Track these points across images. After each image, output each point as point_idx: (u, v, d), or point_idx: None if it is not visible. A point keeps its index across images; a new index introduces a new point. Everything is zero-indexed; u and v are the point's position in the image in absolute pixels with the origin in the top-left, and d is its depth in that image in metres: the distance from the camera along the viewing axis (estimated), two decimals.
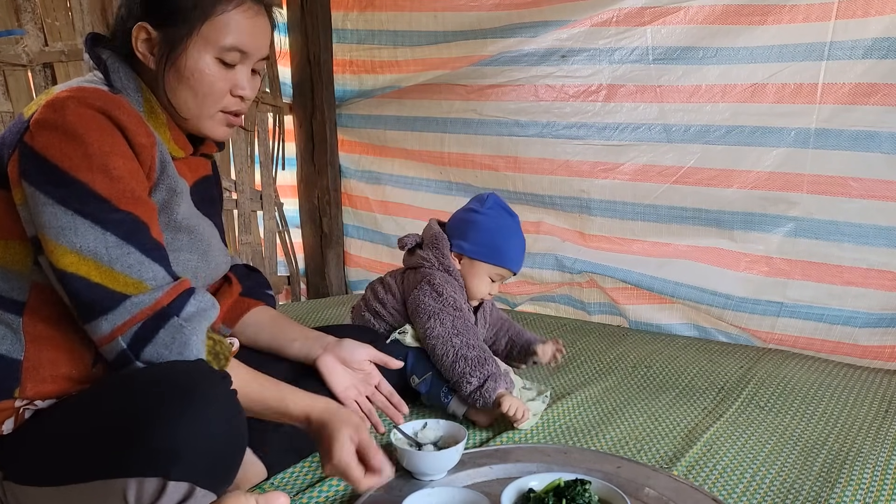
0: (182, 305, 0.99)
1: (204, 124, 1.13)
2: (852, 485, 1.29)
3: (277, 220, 3.01)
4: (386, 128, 2.89)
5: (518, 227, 1.77)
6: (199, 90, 1.09)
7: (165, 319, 0.97)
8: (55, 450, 0.95)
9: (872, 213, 2.04)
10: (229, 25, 1.08)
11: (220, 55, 1.08)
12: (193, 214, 1.16)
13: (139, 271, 0.97)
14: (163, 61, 1.07)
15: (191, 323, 0.99)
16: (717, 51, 2.19)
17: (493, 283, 1.75)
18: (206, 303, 1.03)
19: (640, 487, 1.23)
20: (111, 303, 0.95)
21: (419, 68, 2.73)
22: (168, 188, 1.08)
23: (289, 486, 1.28)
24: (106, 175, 0.96)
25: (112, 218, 0.96)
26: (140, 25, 1.06)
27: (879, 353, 2.08)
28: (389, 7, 2.72)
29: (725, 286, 2.27)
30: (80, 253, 0.94)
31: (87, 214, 0.94)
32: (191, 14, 1.06)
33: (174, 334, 0.97)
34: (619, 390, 1.80)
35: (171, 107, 1.10)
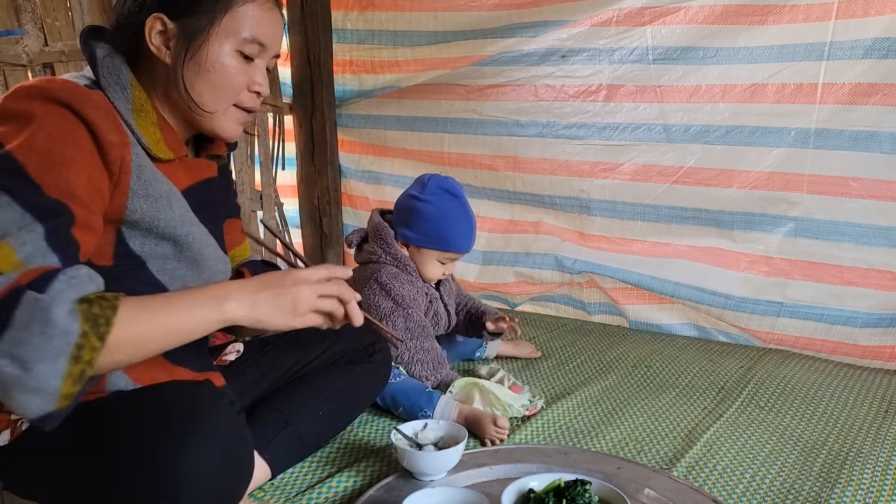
0: (45, 282, 0.82)
1: (217, 120, 1.10)
2: (852, 485, 1.29)
3: (277, 220, 3.01)
4: (386, 128, 2.89)
5: (462, 207, 1.76)
6: (217, 83, 1.06)
7: (18, 298, 0.80)
8: (54, 468, 0.94)
9: (872, 213, 2.04)
10: (250, 17, 1.06)
11: (241, 47, 1.06)
12: (184, 221, 1.09)
13: (30, 255, 0.84)
14: (181, 54, 1.03)
15: (51, 294, 0.81)
16: (717, 51, 2.19)
17: (445, 265, 1.76)
18: (81, 276, 0.86)
19: (640, 488, 1.23)
20: None
21: (419, 68, 2.73)
22: (146, 194, 1.01)
23: (289, 486, 1.28)
24: (45, 159, 0.88)
25: (37, 201, 0.87)
26: (155, 16, 1.02)
27: (879, 353, 2.08)
28: (389, 7, 2.72)
29: (725, 286, 2.27)
30: None
31: (8, 191, 0.86)
32: (213, 5, 1.03)
33: (32, 311, 0.79)
34: (619, 390, 1.80)
35: (189, 100, 1.06)
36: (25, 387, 0.79)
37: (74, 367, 0.81)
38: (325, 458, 1.39)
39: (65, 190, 0.89)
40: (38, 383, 0.79)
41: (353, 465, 1.36)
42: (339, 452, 1.42)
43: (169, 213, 1.05)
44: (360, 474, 1.32)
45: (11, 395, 0.79)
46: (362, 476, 1.31)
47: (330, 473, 1.32)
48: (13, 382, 0.79)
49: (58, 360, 0.80)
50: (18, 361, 0.79)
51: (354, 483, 1.29)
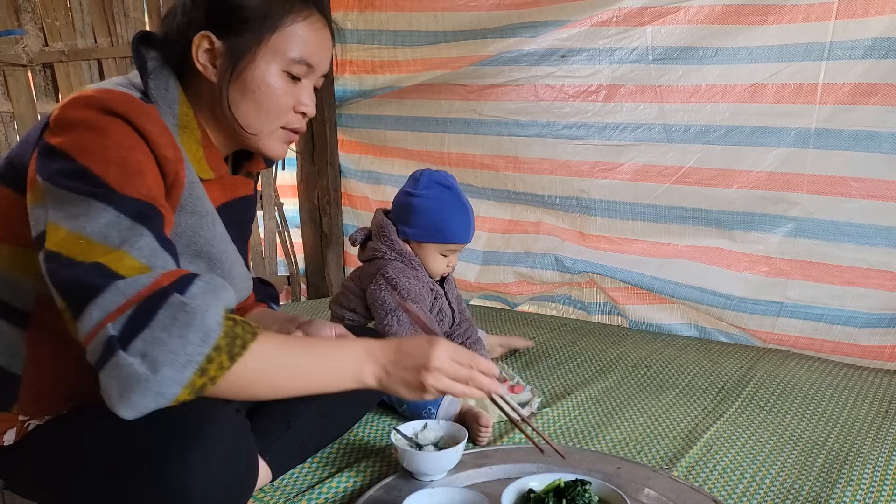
0: (186, 285, 0.84)
1: (263, 141, 1.08)
2: (852, 485, 1.29)
3: (277, 220, 3.02)
4: (386, 128, 2.89)
5: (457, 197, 1.76)
6: (263, 104, 1.05)
7: (164, 298, 0.82)
8: (58, 471, 0.94)
9: (872, 213, 2.04)
10: (298, 37, 1.04)
11: (288, 68, 1.05)
12: (219, 239, 1.09)
13: (149, 257, 0.85)
14: (227, 73, 1.02)
15: (196, 300, 0.83)
16: (716, 51, 2.19)
17: (448, 257, 1.77)
18: (217, 283, 0.88)
19: (640, 488, 1.23)
20: (103, 283, 0.81)
21: (419, 68, 2.73)
22: (193, 210, 1.02)
23: (289, 486, 1.28)
24: (121, 168, 0.89)
25: (125, 202, 0.87)
26: (203, 34, 1.01)
27: (879, 353, 2.08)
28: (389, 7, 2.72)
29: (725, 286, 2.27)
30: (90, 238, 0.84)
31: (100, 197, 0.86)
32: (260, 24, 1.02)
33: (175, 313, 0.81)
34: (619, 390, 1.80)
35: (234, 120, 1.05)
36: (147, 389, 0.79)
37: (198, 380, 0.82)
38: (325, 458, 1.39)
39: (147, 194, 0.90)
40: (159, 387, 0.80)
41: (353, 465, 1.36)
42: (339, 452, 1.42)
43: (211, 230, 1.06)
44: (360, 474, 1.32)
45: (128, 394, 0.80)
46: (362, 476, 1.31)
47: (330, 474, 1.32)
48: (137, 382, 0.79)
49: (186, 369, 0.81)
50: (149, 361, 0.79)
51: (354, 483, 1.29)
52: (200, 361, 0.82)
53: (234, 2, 1.02)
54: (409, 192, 1.75)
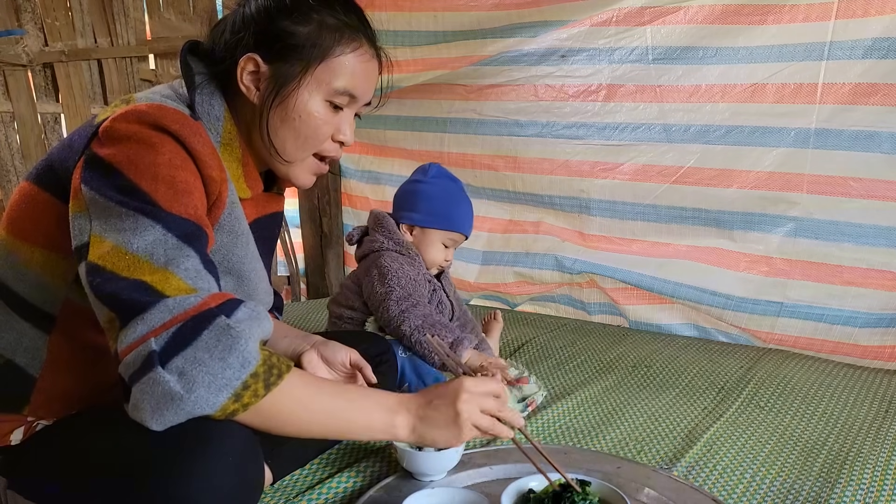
0: (233, 309, 0.86)
1: (294, 169, 1.09)
2: (852, 485, 1.29)
3: None
4: (386, 128, 2.89)
5: (463, 191, 1.83)
6: (302, 132, 1.05)
7: (210, 320, 0.83)
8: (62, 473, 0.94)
9: (872, 213, 2.04)
10: (345, 67, 1.04)
11: (331, 97, 1.05)
12: (250, 257, 1.10)
13: (195, 279, 0.86)
14: (270, 98, 1.02)
15: (241, 325, 0.85)
16: (716, 50, 2.19)
17: (448, 249, 1.79)
18: (260, 312, 0.90)
19: (640, 488, 1.23)
20: (151, 300, 0.82)
21: (419, 68, 2.73)
22: (230, 229, 1.03)
23: (289, 487, 1.28)
24: (170, 187, 0.89)
25: (174, 220, 0.88)
26: (249, 57, 1.01)
27: (879, 353, 2.08)
28: (389, 7, 2.71)
29: (725, 286, 2.27)
30: (136, 254, 0.85)
31: (148, 214, 0.87)
32: (309, 52, 1.02)
33: (220, 336, 0.82)
34: (619, 390, 1.80)
35: (270, 145, 1.05)
36: (180, 409, 0.81)
37: (231, 405, 0.83)
38: (325, 458, 1.39)
39: (194, 213, 0.91)
40: (192, 408, 0.81)
41: (353, 465, 1.35)
42: (339, 453, 1.42)
43: (244, 249, 1.06)
44: (360, 474, 1.32)
45: (161, 411, 0.81)
46: (362, 476, 1.31)
47: (330, 474, 1.32)
48: (171, 400, 0.80)
49: (222, 393, 0.82)
50: (186, 380, 0.80)
51: (354, 483, 1.29)
52: (237, 387, 0.83)
53: (285, 28, 1.02)
54: (417, 181, 1.79)
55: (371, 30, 1.10)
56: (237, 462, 0.89)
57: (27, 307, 0.98)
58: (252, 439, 0.95)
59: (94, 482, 0.90)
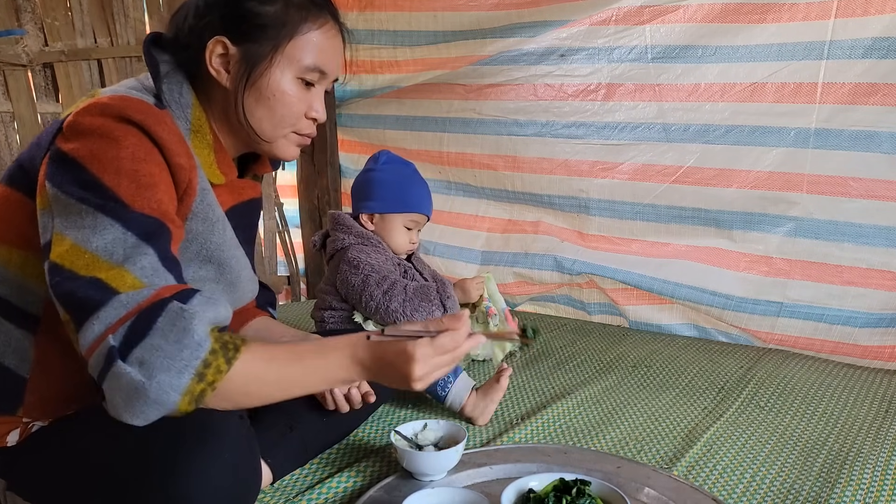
0: (187, 297, 0.87)
1: (276, 146, 1.09)
2: (852, 485, 1.29)
3: (277, 220, 3.01)
4: (385, 127, 2.89)
5: (416, 173, 1.84)
6: (277, 111, 1.05)
7: (163, 307, 0.84)
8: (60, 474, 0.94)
9: (872, 213, 2.04)
10: (314, 44, 1.05)
11: (302, 75, 1.05)
12: (228, 244, 1.09)
13: (150, 276, 0.86)
14: (242, 79, 1.02)
15: (195, 308, 0.85)
16: (716, 49, 2.19)
17: (411, 231, 1.81)
18: (217, 299, 0.91)
19: (640, 487, 1.23)
20: (104, 298, 0.83)
21: (419, 68, 2.73)
22: (204, 217, 1.02)
23: (289, 486, 1.28)
24: (133, 181, 0.89)
25: (134, 217, 0.88)
26: (217, 39, 1.01)
27: (879, 353, 2.07)
28: (389, 7, 2.71)
29: (725, 286, 2.27)
30: (94, 253, 0.85)
31: (108, 212, 0.86)
32: (277, 31, 1.02)
33: (174, 320, 0.83)
34: (619, 390, 1.80)
35: (248, 127, 1.05)
36: (147, 397, 0.81)
37: (196, 385, 0.83)
38: (325, 458, 1.39)
39: (157, 209, 0.91)
40: (157, 394, 0.81)
41: (353, 465, 1.35)
42: (339, 453, 1.42)
43: (221, 236, 1.06)
44: (360, 474, 1.32)
45: (130, 403, 0.82)
46: (362, 476, 1.31)
47: (330, 474, 1.32)
48: (135, 390, 0.81)
49: (183, 374, 0.82)
50: (146, 368, 0.81)
51: (354, 483, 1.29)
52: (197, 366, 0.83)
53: (251, 8, 1.01)
54: (369, 169, 1.82)
55: (334, 6, 1.11)
56: (234, 461, 0.89)
57: (11, 308, 0.98)
58: (249, 438, 0.95)
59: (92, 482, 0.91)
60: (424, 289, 1.67)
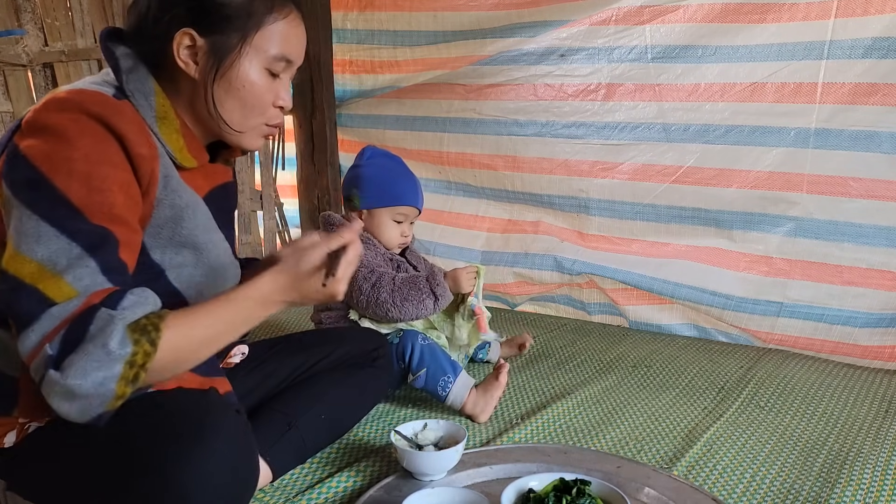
0: (117, 301, 0.88)
1: (244, 137, 1.10)
2: (852, 485, 1.29)
3: (277, 220, 3.02)
4: (385, 127, 2.89)
5: (402, 166, 1.83)
6: (248, 101, 1.06)
7: (93, 315, 0.85)
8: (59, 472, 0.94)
9: (872, 213, 2.04)
10: (280, 34, 1.05)
11: (270, 65, 1.06)
12: (205, 228, 1.09)
13: (88, 286, 0.87)
14: (212, 71, 1.02)
15: (126, 311, 0.87)
16: (716, 49, 2.19)
17: (402, 225, 1.79)
18: (147, 297, 0.92)
19: (640, 487, 1.23)
20: (40, 309, 0.85)
21: (419, 68, 2.73)
22: (171, 203, 1.01)
23: (289, 486, 1.28)
24: (84, 185, 0.89)
25: (81, 229, 0.88)
26: (184, 31, 1.00)
27: (879, 353, 2.07)
28: (389, 7, 2.72)
29: (725, 286, 2.27)
30: (39, 262, 0.86)
31: (54, 222, 0.87)
32: (244, 22, 1.02)
33: (104, 326, 0.85)
34: (619, 390, 1.80)
35: (218, 118, 1.05)
36: (83, 395, 0.83)
37: (129, 371, 0.85)
38: (324, 458, 1.39)
39: (107, 214, 0.90)
40: (96, 389, 0.84)
41: (353, 465, 1.36)
42: (339, 452, 1.42)
43: (192, 221, 1.05)
44: (360, 474, 1.32)
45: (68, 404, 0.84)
46: (362, 476, 1.31)
47: (330, 473, 1.32)
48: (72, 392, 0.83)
49: (114, 366, 0.84)
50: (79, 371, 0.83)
51: (354, 483, 1.29)
52: (125, 355, 0.85)
53: (218, 0, 1.01)
54: (356, 166, 1.81)
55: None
56: (231, 456, 0.90)
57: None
58: (246, 434, 0.95)
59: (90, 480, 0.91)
60: (413, 278, 1.67)
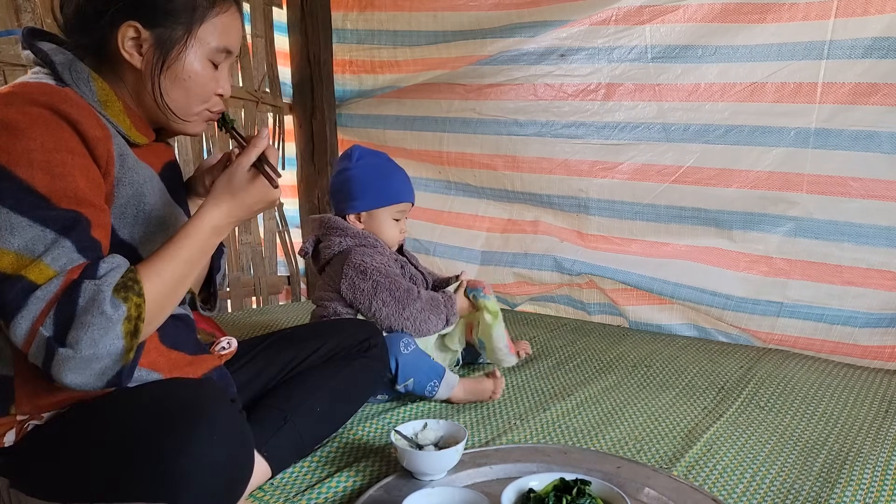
0: (94, 271, 0.92)
1: (189, 125, 1.14)
2: (852, 485, 1.28)
3: (277, 220, 3.01)
4: (385, 127, 2.89)
5: (391, 162, 1.84)
6: (193, 91, 1.10)
7: (79, 288, 0.89)
8: (60, 467, 0.95)
9: (872, 213, 2.04)
10: (222, 26, 1.10)
11: (212, 56, 1.10)
12: (166, 203, 1.13)
13: (65, 265, 0.91)
14: (158, 63, 1.06)
15: (107, 278, 0.91)
16: (715, 49, 2.19)
17: (399, 221, 1.81)
18: (118, 262, 0.96)
19: (640, 487, 1.22)
20: (25, 295, 0.88)
21: (419, 68, 2.73)
22: (131, 181, 1.05)
23: (289, 486, 1.28)
24: (47, 172, 0.91)
25: (51, 215, 0.91)
26: (129, 24, 1.03)
27: (879, 353, 2.07)
28: (389, 7, 2.72)
29: (725, 286, 2.27)
30: (17, 252, 0.89)
31: (24, 212, 0.89)
32: (189, 16, 1.06)
33: (94, 296, 0.89)
34: (619, 390, 1.80)
35: (165, 108, 1.09)
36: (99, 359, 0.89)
37: (129, 326, 0.91)
38: (324, 457, 1.39)
39: (74, 198, 0.93)
40: (108, 352, 0.89)
41: (352, 465, 1.35)
42: (339, 452, 1.42)
43: (153, 196, 1.09)
44: (359, 474, 1.32)
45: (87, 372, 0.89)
46: (362, 476, 1.31)
47: (330, 473, 1.32)
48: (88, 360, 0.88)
49: (116, 326, 0.90)
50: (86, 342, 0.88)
51: (354, 483, 1.29)
52: (123, 314, 0.91)
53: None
54: (345, 168, 1.80)
55: None
56: (228, 445, 0.91)
57: None
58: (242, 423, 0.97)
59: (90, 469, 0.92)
60: (435, 300, 1.70)
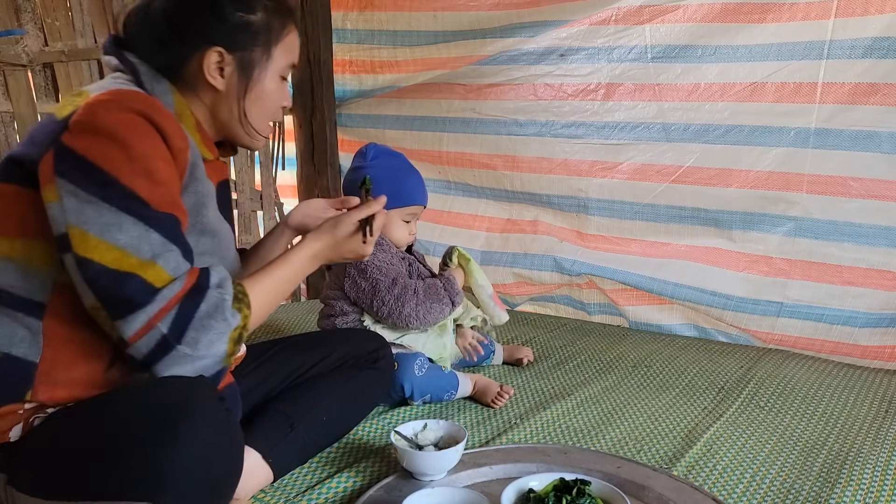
0: (208, 277, 1.01)
1: (258, 140, 1.20)
2: (852, 485, 1.29)
3: (277, 219, 3.01)
4: (385, 127, 2.89)
5: (407, 163, 1.83)
6: (270, 108, 1.18)
7: (202, 293, 0.99)
8: (58, 465, 0.96)
9: (872, 213, 2.04)
10: (291, 45, 1.18)
11: (283, 73, 1.18)
12: (217, 218, 1.18)
13: (175, 269, 0.98)
14: (242, 86, 1.13)
15: (223, 288, 1.02)
16: (715, 49, 2.19)
17: (409, 223, 1.80)
18: (222, 270, 1.05)
19: (640, 487, 1.23)
20: (149, 295, 0.94)
21: (418, 68, 2.73)
22: (196, 192, 1.09)
23: (289, 486, 1.28)
24: (148, 179, 0.97)
25: (155, 216, 0.97)
26: (214, 49, 1.09)
27: (879, 353, 2.07)
28: (389, 7, 2.72)
29: (725, 286, 2.27)
30: (124, 249, 0.94)
31: (131, 211, 0.95)
32: (266, 38, 1.13)
33: (217, 303, 0.99)
34: (619, 390, 1.80)
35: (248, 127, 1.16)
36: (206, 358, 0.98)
37: (236, 333, 1.02)
38: (325, 458, 1.39)
39: (170, 202, 1.01)
40: (219, 355, 1.00)
41: (353, 465, 1.36)
42: (339, 452, 1.42)
43: (211, 210, 1.14)
44: (360, 474, 1.32)
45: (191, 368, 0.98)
46: (362, 476, 1.31)
47: (330, 474, 1.32)
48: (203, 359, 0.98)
49: (229, 333, 1.00)
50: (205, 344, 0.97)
51: (354, 483, 1.29)
52: (238, 323, 1.02)
53: (241, 19, 1.11)
54: (360, 167, 1.77)
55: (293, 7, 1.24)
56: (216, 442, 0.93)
57: (15, 299, 1.00)
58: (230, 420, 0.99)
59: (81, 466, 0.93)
60: (433, 288, 1.69)
